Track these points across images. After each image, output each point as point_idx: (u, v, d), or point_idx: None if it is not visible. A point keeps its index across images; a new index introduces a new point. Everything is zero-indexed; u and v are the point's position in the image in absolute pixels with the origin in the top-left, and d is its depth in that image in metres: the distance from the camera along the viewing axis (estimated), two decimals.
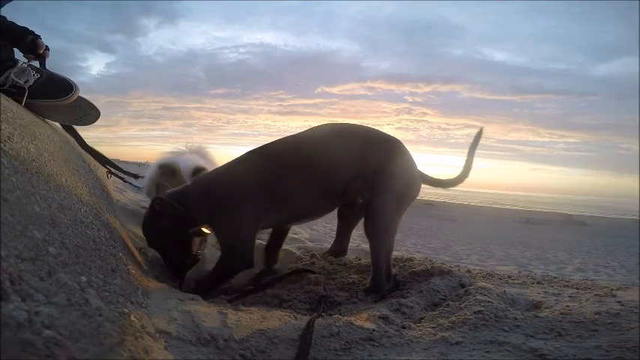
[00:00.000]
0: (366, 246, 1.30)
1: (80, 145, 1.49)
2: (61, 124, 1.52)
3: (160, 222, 1.17)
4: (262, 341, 0.74)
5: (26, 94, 1.30)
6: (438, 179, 1.31)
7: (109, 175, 1.64)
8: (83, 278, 0.59)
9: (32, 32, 1.38)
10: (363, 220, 1.19)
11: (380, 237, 1.16)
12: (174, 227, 1.16)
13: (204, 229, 1.17)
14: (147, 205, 1.44)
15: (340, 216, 1.39)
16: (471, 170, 1.32)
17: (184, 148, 1.80)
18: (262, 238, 1.50)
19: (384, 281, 1.14)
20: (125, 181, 1.77)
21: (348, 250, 1.51)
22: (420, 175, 1.27)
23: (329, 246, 1.58)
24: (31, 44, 1.36)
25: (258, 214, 1.17)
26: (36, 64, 1.42)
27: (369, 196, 1.17)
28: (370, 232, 1.16)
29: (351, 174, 1.18)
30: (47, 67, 1.44)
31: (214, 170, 1.30)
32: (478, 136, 1.32)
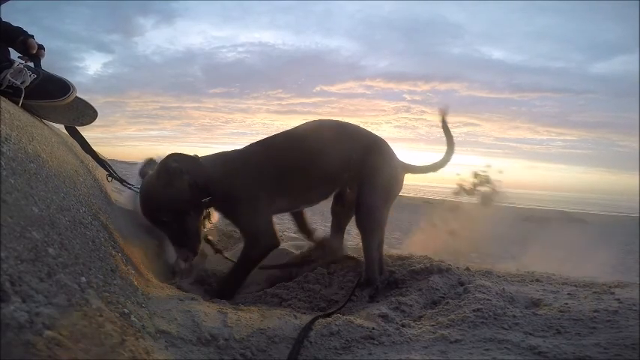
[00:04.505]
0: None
1: (83, 149, 1.48)
2: (65, 127, 1.50)
3: (171, 182, 1.07)
4: (263, 340, 0.75)
5: (23, 95, 1.29)
6: (420, 166, 1.40)
7: (110, 179, 1.62)
8: (83, 279, 0.59)
9: (25, 32, 1.36)
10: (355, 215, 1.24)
11: (370, 229, 1.21)
12: (188, 192, 1.07)
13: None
14: None
15: (334, 214, 1.43)
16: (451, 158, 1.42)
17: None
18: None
19: (377, 274, 1.18)
20: (126, 185, 1.73)
21: (348, 250, 1.52)
22: (403, 165, 1.34)
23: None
24: (22, 45, 1.34)
25: (270, 200, 1.19)
26: (32, 65, 1.41)
27: (358, 191, 1.23)
28: (361, 226, 1.21)
29: (342, 167, 1.24)
30: (44, 67, 1.43)
31: (222, 155, 1.24)
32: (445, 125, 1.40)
